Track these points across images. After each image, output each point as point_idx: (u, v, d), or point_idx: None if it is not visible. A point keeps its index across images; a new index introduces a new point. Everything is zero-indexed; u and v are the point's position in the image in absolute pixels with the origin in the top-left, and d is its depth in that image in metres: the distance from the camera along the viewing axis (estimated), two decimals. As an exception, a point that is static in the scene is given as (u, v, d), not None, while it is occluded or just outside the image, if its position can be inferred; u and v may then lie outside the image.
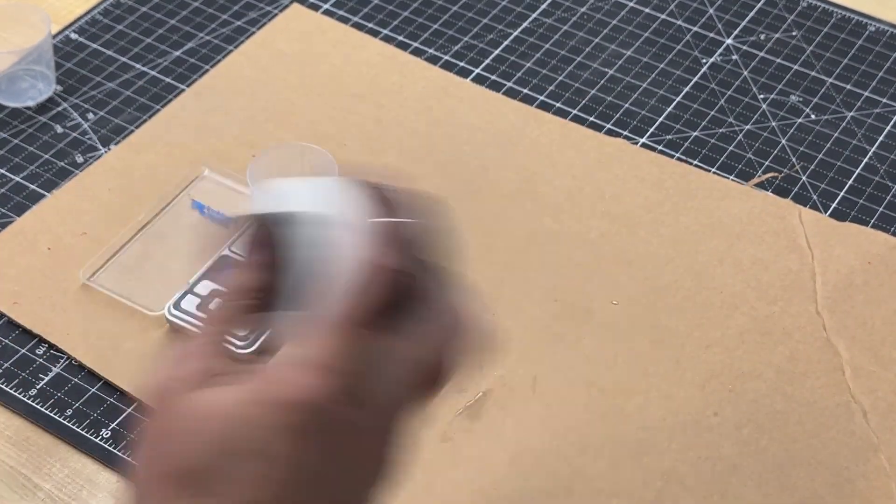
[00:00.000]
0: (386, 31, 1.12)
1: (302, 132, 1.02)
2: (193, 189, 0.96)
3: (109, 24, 1.12)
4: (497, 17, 1.14)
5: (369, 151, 1.00)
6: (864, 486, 0.81)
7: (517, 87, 1.07)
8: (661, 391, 0.85)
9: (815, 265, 0.93)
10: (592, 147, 1.01)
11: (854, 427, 0.84)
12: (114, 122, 1.03)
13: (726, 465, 0.82)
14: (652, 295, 0.91)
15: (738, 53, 1.11)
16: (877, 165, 1.01)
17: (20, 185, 0.98)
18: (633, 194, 0.98)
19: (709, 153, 1.02)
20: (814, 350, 0.88)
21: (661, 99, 1.06)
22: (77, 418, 0.84)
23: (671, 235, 0.95)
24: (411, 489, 0.80)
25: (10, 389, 0.85)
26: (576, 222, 0.96)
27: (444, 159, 1.00)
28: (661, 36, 1.12)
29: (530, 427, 0.83)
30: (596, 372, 0.87)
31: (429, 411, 0.84)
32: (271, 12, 1.13)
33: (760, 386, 0.86)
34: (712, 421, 0.84)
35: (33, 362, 0.87)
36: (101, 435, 0.83)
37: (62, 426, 0.83)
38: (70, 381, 0.86)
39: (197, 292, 0.88)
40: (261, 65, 1.07)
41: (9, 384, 0.86)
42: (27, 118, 1.03)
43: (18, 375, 0.86)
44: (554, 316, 0.90)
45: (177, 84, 1.07)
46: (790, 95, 1.07)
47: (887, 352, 0.88)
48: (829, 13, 1.14)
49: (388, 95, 1.05)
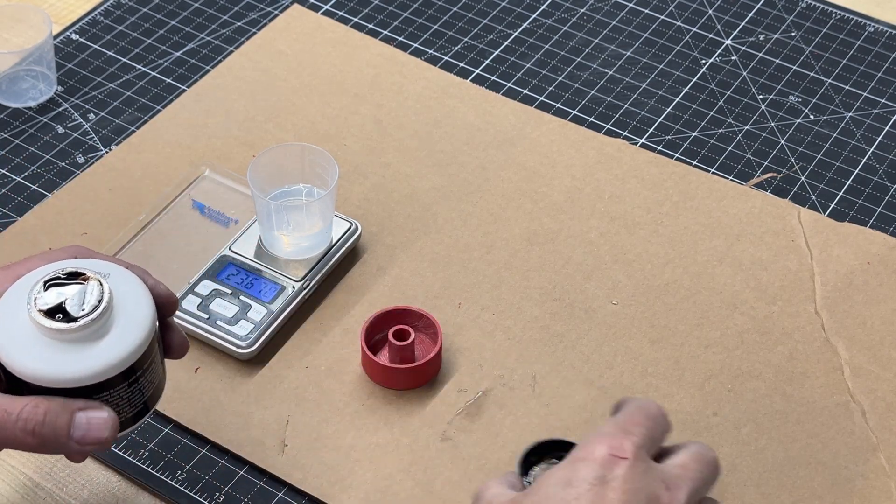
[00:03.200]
0: (386, 32, 1.12)
1: (302, 132, 1.02)
2: (194, 189, 0.96)
3: (110, 24, 1.12)
4: (497, 18, 1.14)
5: (369, 151, 1.01)
6: (863, 485, 0.81)
7: (517, 87, 1.07)
8: (660, 391, 0.86)
9: (814, 265, 0.93)
10: (592, 147, 1.02)
11: (853, 426, 0.84)
12: (114, 123, 1.03)
13: (725, 464, 0.82)
14: (651, 295, 0.91)
15: (738, 54, 1.11)
16: (875, 165, 1.01)
17: (21, 185, 0.98)
18: (633, 194, 0.98)
19: (708, 153, 1.02)
20: (813, 350, 0.88)
21: (661, 99, 1.06)
22: (78, 418, 0.84)
23: (671, 235, 0.95)
24: (411, 489, 0.81)
25: (12, 389, 0.85)
26: (575, 222, 0.96)
27: (444, 159, 1.00)
28: (660, 36, 1.12)
29: (530, 427, 0.84)
30: (596, 372, 0.87)
31: (429, 411, 0.85)
32: (272, 13, 1.14)
33: (760, 386, 0.86)
34: (711, 420, 0.84)
35: (34, 362, 0.87)
36: (102, 434, 0.83)
37: (63, 426, 0.83)
38: (71, 380, 0.86)
39: (198, 292, 0.88)
40: (261, 65, 1.08)
41: (10, 384, 0.86)
42: (28, 119, 1.04)
43: (19, 375, 0.86)
44: (554, 316, 0.90)
45: (177, 84, 1.07)
46: (789, 96, 1.07)
47: (886, 351, 0.88)
48: (828, 14, 1.14)
49: (388, 95, 1.05)
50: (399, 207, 0.97)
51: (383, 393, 0.85)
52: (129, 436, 0.83)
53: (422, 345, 0.87)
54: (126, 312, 0.65)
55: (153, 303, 0.67)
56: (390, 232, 0.95)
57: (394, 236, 0.95)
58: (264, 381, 0.86)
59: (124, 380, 0.66)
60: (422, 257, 0.93)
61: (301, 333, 0.88)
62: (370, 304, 0.90)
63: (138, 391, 0.67)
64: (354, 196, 0.97)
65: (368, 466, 0.81)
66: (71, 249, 0.69)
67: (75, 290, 0.64)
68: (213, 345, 0.86)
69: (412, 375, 0.85)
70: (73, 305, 0.63)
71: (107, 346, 0.64)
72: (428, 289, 0.91)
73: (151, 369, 0.68)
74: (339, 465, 0.81)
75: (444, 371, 0.86)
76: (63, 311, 0.63)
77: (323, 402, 0.85)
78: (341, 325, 0.89)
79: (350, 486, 0.80)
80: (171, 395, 0.84)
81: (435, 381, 0.86)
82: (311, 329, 0.89)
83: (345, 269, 0.92)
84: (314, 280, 0.89)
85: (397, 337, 0.85)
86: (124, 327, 0.65)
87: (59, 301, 0.63)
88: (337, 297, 0.91)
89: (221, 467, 0.82)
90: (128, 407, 0.67)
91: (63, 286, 0.64)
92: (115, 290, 0.65)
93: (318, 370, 0.86)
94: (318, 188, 0.91)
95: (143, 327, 0.66)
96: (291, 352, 0.87)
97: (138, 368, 0.66)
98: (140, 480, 0.81)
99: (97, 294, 0.64)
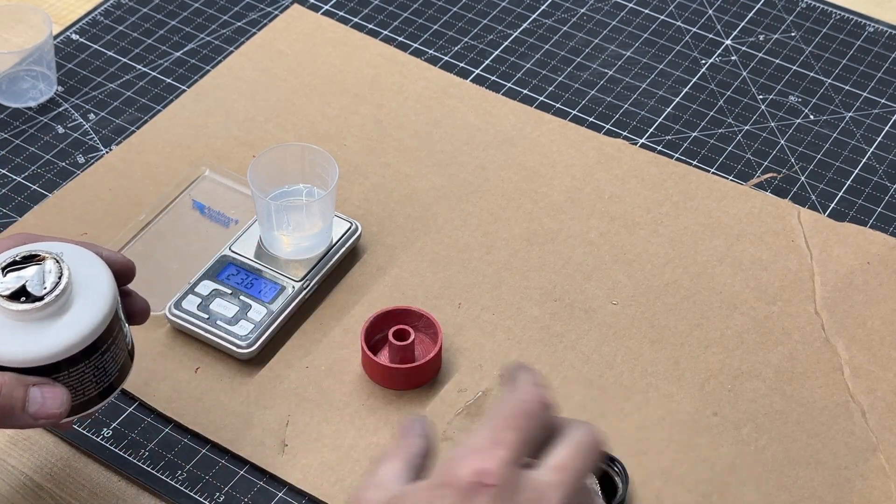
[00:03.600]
0: (386, 32, 1.12)
1: (302, 132, 1.02)
2: (194, 189, 0.96)
3: (110, 24, 1.12)
4: (497, 18, 1.14)
5: (369, 151, 1.01)
6: (863, 485, 0.81)
7: (517, 87, 1.07)
8: (660, 391, 0.86)
9: (814, 265, 0.93)
10: (592, 147, 1.02)
11: (853, 427, 0.84)
12: (115, 123, 1.03)
13: (725, 464, 0.82)
14: (651, 295, 0.91)
15: (738, 54, 1.11)
16: (875, 166, 1.01)
17: (21, 185, 0.98)
18: (633, 194, 0.98)
19: (708, 153, 1.02)
20: (813, 350, 0.88)
21: (661, 99, 1.06)
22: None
23: (670, 235, 0.95)
24: (411, 488, 0.80)
25: (12, 389, 0.86)
26: (575, 222, 0.96)
27: (444, 159, 1.00)
28: (660, 37, 1.12)
29: (530, 426, 0.83)
30: (596, 372, 0.87)
31: (429, 411, 0.85)
32: (272, 13, 1.14)
33: (759, 386, 0.86)
34: (711, 420, 0.84)
35: (34, 362, 0.87)
36: (102, 434, 0.83)
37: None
38: (71, 380, 0.86)
39: (198, 292, 0.88)
40: (261, 65, 1.08)
41: (10, 384, 0.86)
42: (28, 119, 1.04)
43: (20, 375, 0.86)
44: (554, 316, 0.90)
45: (177, 85, 1.07)
46: (789, 96, 1.07)
47: (886, 351, 0.88)
48: (828, 14, 1.14)
49: (388, 95, 1.05)
50: (399, 207, 0.97)
51: (383, 393, 0.85)
52: (98, 416, 0.83)
53: (422, 345, 0.87)
54: (86, 288, 0.67)
55: (112, 276, 0.68)
56: (390, 232, 0.95)
57: (394, 236, 0.95)
58: (264, 381, 0.86)
59: (87, 356, 0.67)
60: (422, 257, 0.93)
61: (301, 333, 0.88)
62: (370, 304, 0.90)
63: (102, 369, 0.68)
64: (354, 196, 0.97)
65: (368, 466, 0.81)
66: (18, 237, 0.70)
67: (34, 270, 0.65)
68: (213, 345, 0.86)
69: (412, 375, 0.85)
70: (35, 286, 0.65)
71: (70, 321, 0.66)
72: (428, 289, 0.91)
73: (116, 345, 0.69)
74: (339, 465, 0.81)
75: (444, 371, 0.86)
76: (25, 292, 0.64)
77: (323, 402, 0.85)
78: (341, 325, 0.89)
79: (350, 487, 0.80)
80: (171, 395, 0.85)
81: (435, 381, 0.86)
82: (311, 329, 0.89)
83: (345, 269, 0.92)
84: (314, 280, 0.89)
85: (397, 337, 0.85)
86: (85, 303, 0.66)
87: (20, 284, 0.64)
88: (337, 297, 0.91)
89: (221, 467, 0.82)
90: (93, 385, 0.68)
91: (21, 269, 0.65)
92: (72, 267, 0.66)
93: (318, 370, 0.86)
94: (318, 188, 0.91)
95: (106, 299, 0.67)
96: (291, 352, 0.87)
97: (101, 344, 0.67)
98: (140, 480, 0.81)
99: (56, 272, 0.65)
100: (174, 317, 0.87)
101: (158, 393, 0.85)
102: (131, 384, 0.85)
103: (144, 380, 0.85)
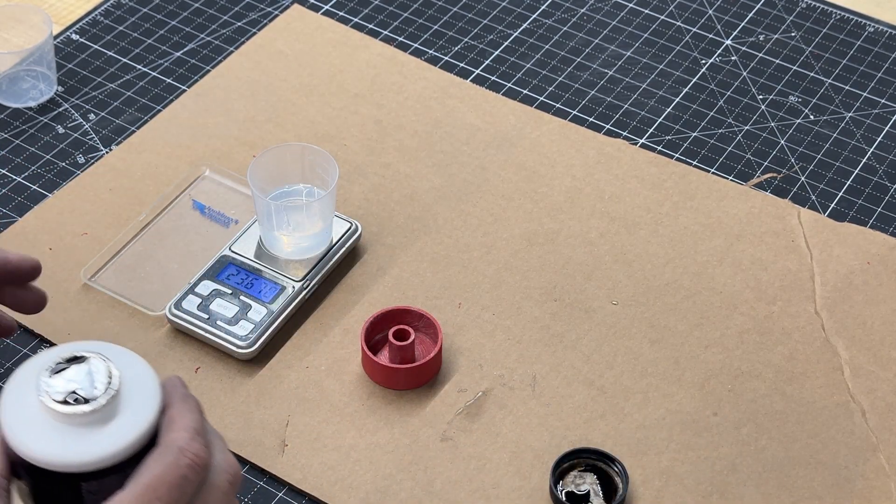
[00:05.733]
0: (386, 32, 1.12)
1: (302, 132, 1.02)
2: (194, 189, 0.96)
3: (110, 24, 1.12)
4: (497, 18, 1.14)
5: (369, 151, 1.01)
6: (863, 485, 0.81)
7: (517, 87, 1.07)
8: (660, 391, 0.86)
9: (814, 265, 0.93)
10: (592, 147, 1.02)
11: (853, 427, 0.84)
12: (115, 123, 1.03)
13: (725, 464, 0.82)
14: (651, 295, 0.91)
15: (738, 54, 1.11)
16: (875, 166, 1.01)
17: (21, 185, 0.98)
18: (633, 194, 0.98)
19: (708, 153, 1.02)
20: (813, 350, 0.88)
21: (661, 99, 1.06)
22: (78, 418, 0.84)
23: (670, 235, 0.95)
24: (411, 489, 0.81)
25: (12, 389, 0.85)
26: (575, 222, 0.96)
27: (444, 159, 1.00)
28: (660, 37, 1.12)
29: (530, 427, 0.84)
30: (595, 372, 0.87)
31: (429, 411, 0.85)
32: (272, 13, 1.14)
33: (759, 386, 0.86)
34: (711, 420, 0.84)
35: (34, 362, 0.87)
36: (103, 434, 0.83)
37: (63, 426, 0.83)
38: (71, 380, 0.86)
39: (198, 292, 0.88)
40: (261, 65, 1.08)
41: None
42: (28, 119, 1.04)
43: (20, 375, 0.86)
44: (554, 316, 0.90)
45: (177, 85, 1.07)
46: (789, 96, 1.07)
47: (886, 352, 0.88)
48: (828, 14, 1.14)
49: (388, 95, 1.05)
50: (399, 207, 0.97)
51: (383, 393, 0.85)
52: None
53: (422, 345, 0.87)
54: (132, 389, 0.65)
55: (155, 375, 0.67)
56: (390, 232, 0.95)
57: (394, 236, 0.95)
58: (264, 381, 0.86)
59: (132, 465, 0.64)
60: (422, 257, 0.93)
61: (301, 333, 0.88)
62: (370, 304, 0.90)
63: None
64: (354, 196, 0.97)
65: (368, 466, 0.81)
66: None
67: (82, 372, 0.64)
68: (213, 345, 0.86)
69: (412, 375, 0.85)
70: (85, 389, 0.64)
71: (121, 424, 0.64)
72: (428, 289, 0.91)
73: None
74: (339, 465, 0.81)
75: (444, 371, 0.86)
76: (75, 395, 0.64)
77: (323, 402, 0.85)
78: (341, 325, 0.89)
79: (350, 486, 0.80)
80: (172, 395, 0.85)
81: (435, 381, 0.86)
82: (311, 329, 0.89)
83: (345, 269, 0.92)
84: (314, 280, 0.89)
85: (397, 337, 0.85)
86: (133, 406, 0.65)
87: (70, 387, 0.64)
88: (337, 297, 0.91)
89: (221, 467, 0.82)
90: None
91: (67, 370, 0.65)
92: (119, 368, 0.65)
93: (318, 370, 0.86)
94: (318, 188, 0.91)
95: (153, 400, 0.65)
96: (291, 352, 0.87)
97: (151, 446, 0.65)
98: (140, 480, 0.81)
99: (104, 373, 0.64)
100: (174, 317, 0.87)
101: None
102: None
103: (144, 380, 0.85)
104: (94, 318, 0.89)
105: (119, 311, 0.89)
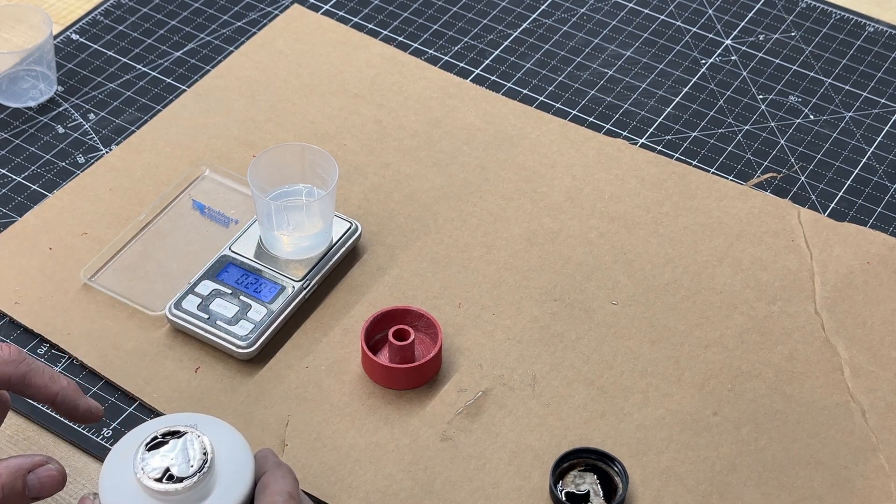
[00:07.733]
0: (386, 32, 1.12)
1: (302, 132, 1.02)
2: (194, 189, 0.96)
3: (110, 24, 1.12)
4: (497, 18, 1.14)
5: (369, 151, 1.01)
6: (863, 485, 0.81)
7: (517, 87, 1.07)
8: (660, 391, 0.86)
9: (814, 265, 0.93)
10: (592, 147, 1.02)
11: (853, 427, 0.84)
12: (115, 123, 1.03)
13: (725, 464, 0.82)
14: (651, 295, 0.91)
15: (737, 54, 1.11)
16: (875, 165, 1.01)
17: (21, 185, 0.98)
18: (633, 194, 0.98)
19: (708, 153, 1.02)
20: (813, 350, 0.88)
21: (661, 99, 1.06)
22: (78, 418, 0.84)
23: (670, 235, 0.95)
24: (411, 489, 0.81)
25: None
26: (575, 222, 0.96)
27: (444, 159, 1.00)
28: (660, 36, 1.12)
29: (530, 427, 0.84)
30: (596, 372, 0.87)
31: (429, 411, 0.85)
32: (272, 13, 1.14)
33: (759, 385, 0.86)
34: (711, 420, 0.84)
35: (34, 362, 0.87)
36: (102, 434, 0.83)
37: (63, 425, 0.83)
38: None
39: (198, 292, 0.88)
40: (261, 65, 1.08)
41: (10, 384, 0.86)
42: (28, 119, 1.04)
43: (20, 375, 0.86)
44: (554, 316, 0.90)
45: (177, 84, 1.07)
46: (789, 96, 1.07)
47: (886, 351, 0.88)
48: (828, 14, 1.14)
49: (388, 95, 1.05)
50: (399, 207, 0.97)
51: (383, 393, 0.85)
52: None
53: (422, 345, 0.87)
54: (227, 463, 0.67)
55: (248, 446, 0.68)
56: (390, 232, 0.95)
57: (394, 236, 0.95)
58: (264, 381, 0.86)
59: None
60: (422, 257, 0.93)
61: (301, 333, 0.88)
62: (370, 304, 0.90)
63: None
64: (354, 196, 0.97)
65: (368, 466, 0.81)
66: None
67: (178, 448, 0.65)
68: (213, 345, 0.86)
69: (412, 375, 0.85)
70: (180, 466, 0.65)
71: (215, 499, 0.66)
72: (428, 289, 0.91)
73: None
74: (339, 465, 0.81)
75: (444, 371, 0.86)
76: (169, 472, 0.65)
77: (323, 402, 0.85)
78: (341, 325, 0.89)
79: (350, 486, 0.80)
80: (171, 395, 0.85)
81: (435, 381, 0.86)
82: (311, 329, 0.89)
83: (345, 269, 0.92)
84: (314, 280, 0.89)
85: (397, 337, 0.85)
86: (228, 481, 0.66)
87: (166, 463, 0.64)
88: (337, 297, 0.91)
89: (221, 467, 0.82)
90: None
91: (164, 445, 0.66)
92: (214, 442, 0.66)
93: (318, 370, 0.86)
94: (318, 188, 0.91)
95: (247, 473, 0.67)
96: (291, 352, 0.87)
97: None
98: (140, 480, 0.81)
99: (199, 449, 0.65)
100: (174, 317, 0.87)
101: (158, 393, 0.85)
102: (131, 384, 0.85)
103: (144, 380, 0.85)
104: (94, 318, 0.89)
105: (119, 311, 0.89)
